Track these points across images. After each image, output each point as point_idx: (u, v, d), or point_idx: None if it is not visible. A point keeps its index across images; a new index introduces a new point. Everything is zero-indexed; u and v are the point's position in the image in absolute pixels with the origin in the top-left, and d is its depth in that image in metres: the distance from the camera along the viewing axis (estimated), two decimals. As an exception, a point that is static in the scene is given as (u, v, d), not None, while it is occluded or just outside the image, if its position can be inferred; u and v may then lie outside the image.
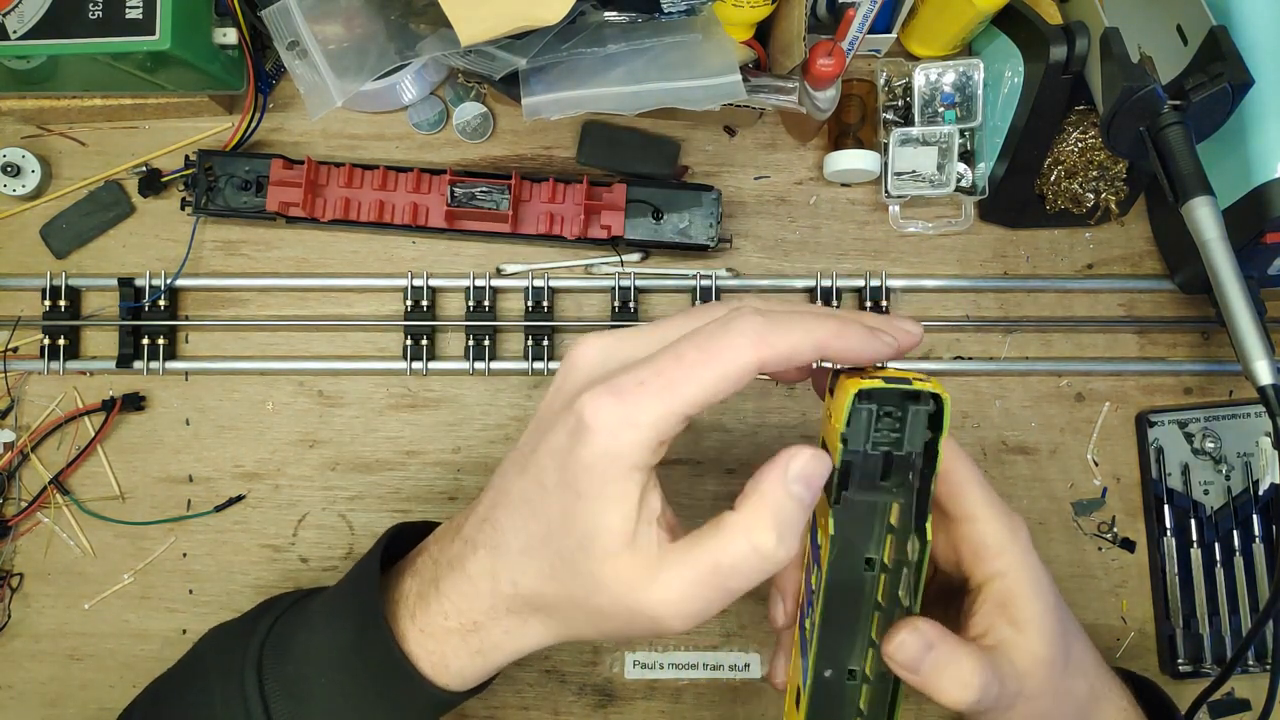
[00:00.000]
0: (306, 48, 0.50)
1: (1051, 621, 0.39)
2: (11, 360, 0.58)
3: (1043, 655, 0.38)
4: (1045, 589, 0.39)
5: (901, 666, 0.36)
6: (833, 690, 0.38)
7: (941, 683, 0.35)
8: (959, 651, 0.36)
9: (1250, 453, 0.58)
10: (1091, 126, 0.57)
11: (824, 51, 0.50)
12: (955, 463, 0.40)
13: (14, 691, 0.57)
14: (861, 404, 0.35)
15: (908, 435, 0.35)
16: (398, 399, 0.59)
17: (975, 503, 0.39)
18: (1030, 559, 0.39)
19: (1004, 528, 0.39)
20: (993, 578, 0.39)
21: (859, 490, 0.37)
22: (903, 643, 0.35)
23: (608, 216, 0.57)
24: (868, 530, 0.37)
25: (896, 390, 0.34)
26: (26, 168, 0.58)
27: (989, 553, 0.39)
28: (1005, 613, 0.39)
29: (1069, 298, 0.60)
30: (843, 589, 0.37)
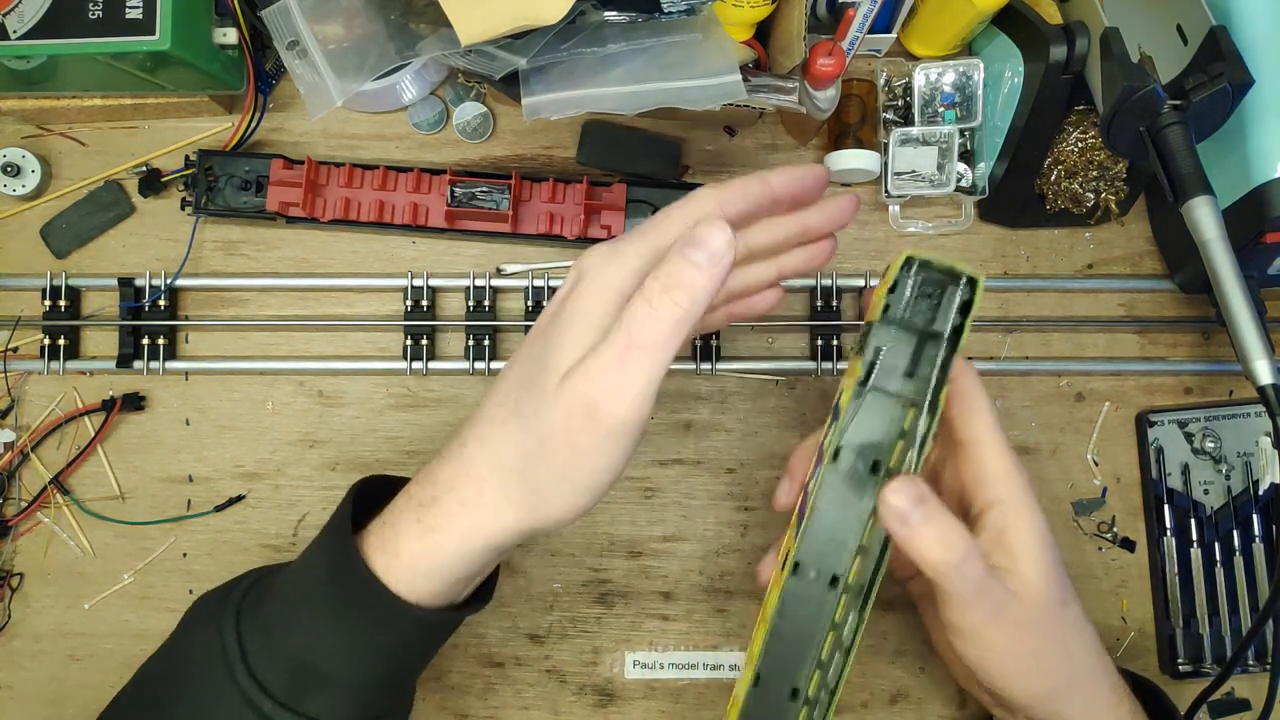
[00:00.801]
0: (306, 48, 0.50)
1: (1047, 556, 0.40)
2: (11, 360, 0.58)
3: (1036, 586, 0.39)
4: (1042, 527, 0.40)
5: (891, 513, 0.37)
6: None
7: (927, 536, 0.36)
8: (947, 513, 0.37)
9: (1250, 453, 0.58)
10: (1091, 126, 0.57)
11: (824, 51, 0.50)
12: (971, 390, 0.41)
13: (14, 691, 0.57)
14: (906, 273, 0.39)
15: (941, 312, 0.38)
16: (398, 399, 0.59)
17: (984, 426, 0.41)
18: (1029, 494, 0.40)
19: (1007, 457, 0.41)
20: (992, 504, 0.40)
21: (883, 381, 0.39)
22: (898, 489, 0.36)
23: (608, 216, 0.57)
24: (880, 430, 0.38)
25: (941, 264, 0.38)
26: (26, 168, 0.58)
27: (990, 477, 0.40)
28: (1002, 540, 0.40)
29: (1069, 298, 0.60)
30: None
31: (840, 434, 0.39)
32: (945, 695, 0.57)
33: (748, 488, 0.59)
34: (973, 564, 0.37)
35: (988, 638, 0.39)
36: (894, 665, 0.58)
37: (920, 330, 0.39)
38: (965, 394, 0.41)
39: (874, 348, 0.39)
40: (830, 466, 0.39)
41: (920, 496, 0.36)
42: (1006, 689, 0.41)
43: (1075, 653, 0.42)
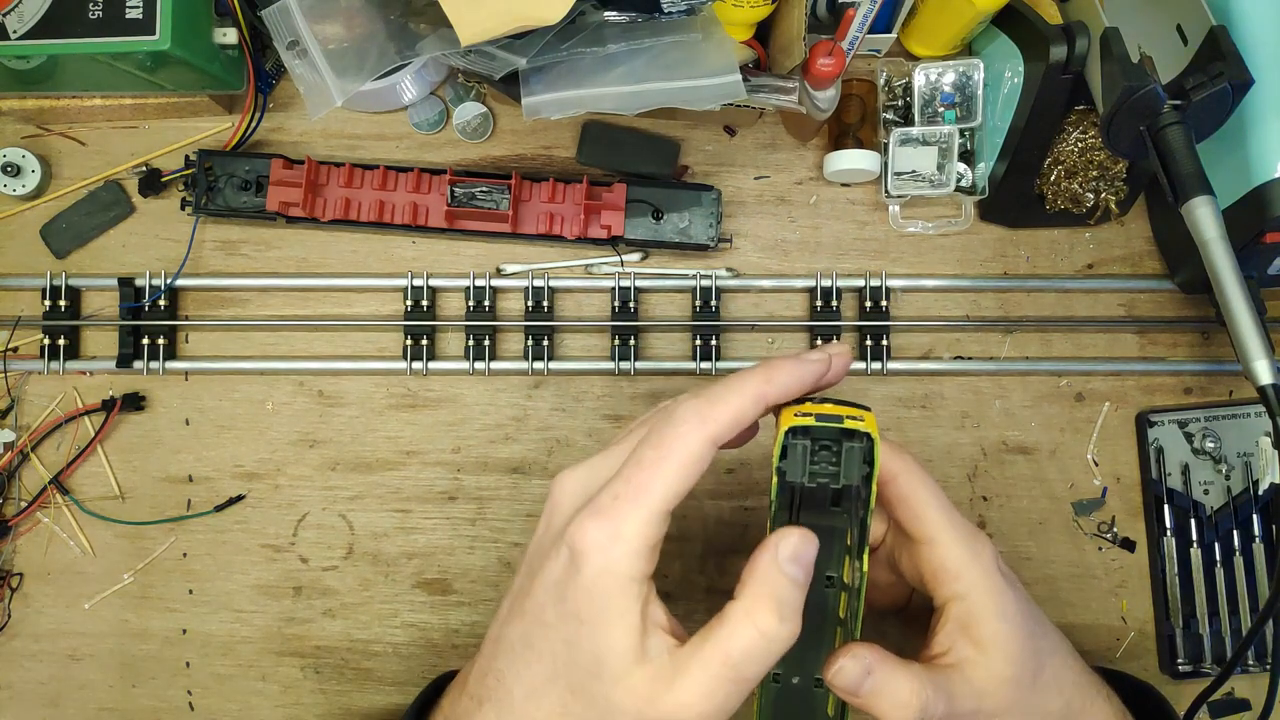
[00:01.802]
0: (306, 47, 0.50)
1: (1016, 641, 0.39)
2: (11, 360, 0.58)
3: (1005, 674, 0.38)
4: (1009, 609, 0.39)
5: (842, 690, 0.37)
6: (801, 696, 0.39)
7: (881, 704, 0.36)
8: (896, 674, 0.37)
9: (1250, 453, 0.58)
10: (1091, 126, 0.57)
11: (824, 51, 0.50)
12: (915, 485, 0.39)
13: (14, 691, 0.57)
14: (795, 439, 0.36)
15: (844, 469, 0.37)
16: (398, 399, 0.59)
17: (935, 525, 0.39)
18: (992, 580, 0.39)
19: (964, 550, 0.39)
20: (952, 599, 0.39)
21: (812, 515, 0.38)
22: (841, 668, 0.36)
23: (608, 216, 0.57)
24: (828, 550, 0.38)
25: (829, 428, 0.36)
26: (26, 168, 0.58)
27: (948, 575, 0.39)
28: (967, 633, 0.39)
29: (1069, 298, 0.60)
30: (808, 605, 0.37)
31: None
32: (945, 695, 0.57)
33: (748, 488, 0.59)
34: (935, 707, 0.37)
35: None
36: (894, 665, 0.58)
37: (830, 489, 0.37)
38: (906, 496, 0.39)
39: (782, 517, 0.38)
40: None
41: (865, 668, 0.36)
42: None
43: (1056, 709, 0.42)
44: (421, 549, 0.58)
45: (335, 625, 0.58)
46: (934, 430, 0.59)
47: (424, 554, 0.58)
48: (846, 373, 0.41)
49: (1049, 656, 0.42)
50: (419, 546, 0.58)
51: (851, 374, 0.59)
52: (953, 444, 0.59)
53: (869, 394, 0.59)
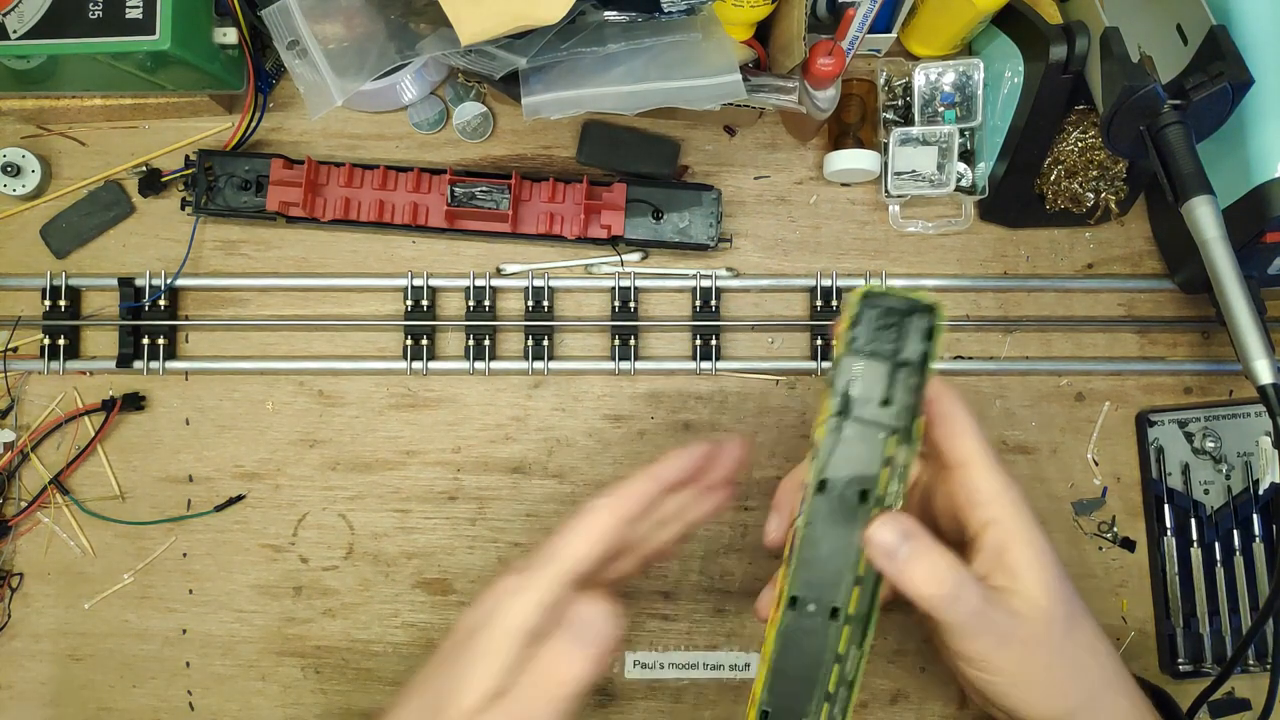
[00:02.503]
0: (306, 47, 0.50)
1: (1049, 573, 0.39)
2: (11, 360, 0.58)
3: (1040, 603, 0.38)
4: (1040, 541, 0.39)
5: (878, 550, 0.37)
6: (814, 625, 0.38)
7: (915, 572, 0.36)
8: (936, 547, 0.37)
9: (1250, 452, 0.58)
10: (1091, 126, 0.57)
11: (824, 51, 0.50)
12: (956, 409, 0.41)
13: (14, 691, 0.57)
14: (867, 305, 0.39)
15: (907, 341, 0.38)
16: (398, 399, 0.59)
17: (970, 450, 0.40)
18: (1024, 511, 0.40)
19: (998, 477, 0.40)
20: (987, 525, 0.39)
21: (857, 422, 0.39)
22: (882, 525, 0.36)
23: (608, 216, 0.57)
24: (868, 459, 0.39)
25: (900, 295, 0.39)
26: (26, 168, 0.58)
27: (982, 498, 0.39)
28: (1000, 560, 0.39)
29: (1069, 297, 0.60)
30: (835, 523, 0.38)
31: (823, 466, 0.39)
32: (945, 695, 0.57)
33: (748, 488, 0.59)
34: (968, 594, 0.37)
35: (995, 663, 0.39)
36: (894, 665, 0.58)
37: (889, 359, 0.39)
38: (947, 416, 0.41)
39: (845, 379, 0.39)
40: (817, 499, 0.39)
41: (906, 532, 0.36)
42: (1022, 712, 0.40)
43: (1091, 669, 0.41)
44: (421, 549, 0.58)
45: (335, 625, 0.58)
46: (934, 430, 0.59)
47: (424, 554, 0.58)
48: (738, 461, 0.45)
49: (1085, 615, 0.41)
50: (419, 546, 0.58)
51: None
52: (953, 444, 0.59)
53: (869, 394, 0.59)
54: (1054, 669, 0.39)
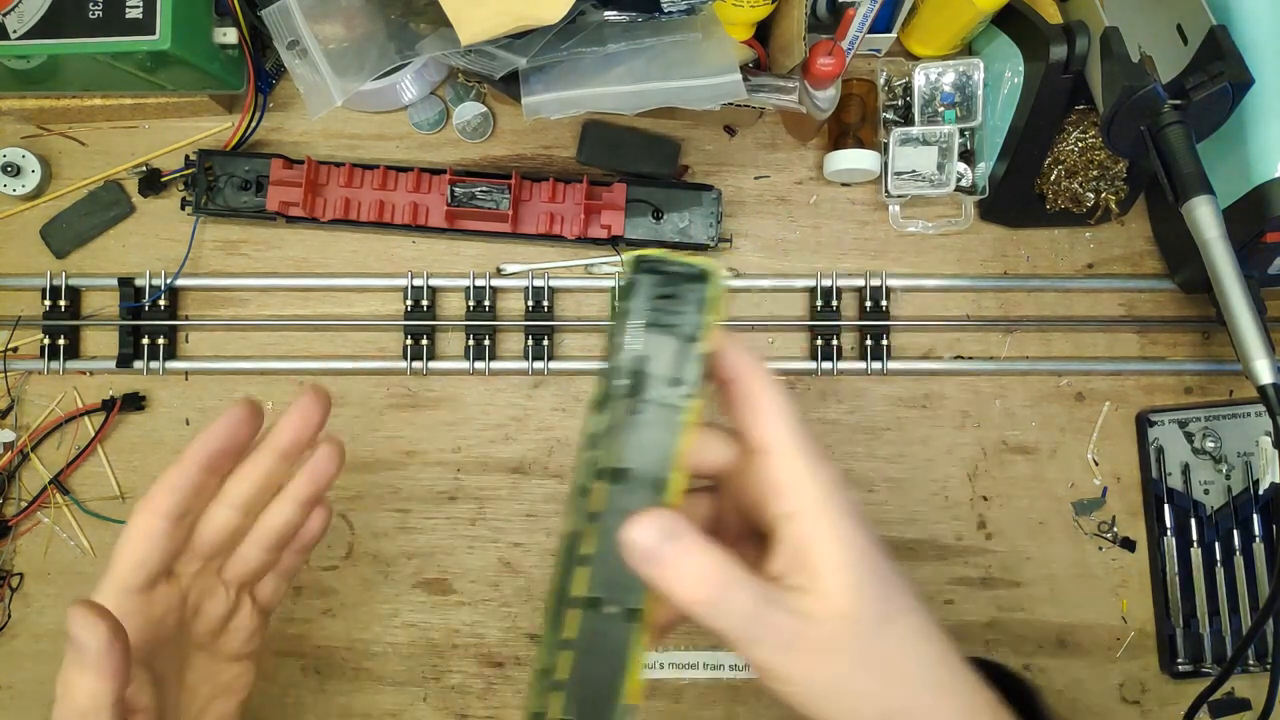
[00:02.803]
0: (306, 47, 0.50)
1: (856, 570, 0.34)
2: (11, 360, 0.58)
3: (840, 605, 0.33)
4: (851, 535, 0.34)
5: (636, 553, 0.32)
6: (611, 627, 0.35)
7: (676, 575, 0.32)
8: (701, 546, 0.33)
9: (1250, 452, 0.58)
10: (1092, 126, 0.57)
11: (824, 51, 0.50)
12: (761, 386, 0.36)
13: (14, 691, 0.57)
14: (644, 271, 0.35)
15: (688, 314, 0.34)
16: (398, 399, 0.59)
17: (772, 432, 0.35)
18: (832, 500, 0.34)
19: (804, 463, 0.35)
20: (785, 517, 0.35)
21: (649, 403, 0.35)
22: (639, 525, 0.32)
23: (608, 216, 0.57)
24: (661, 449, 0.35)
25: (678, 262, 0.34)
26: (26, 168, 0.58)
27: (782, 488, 0.35)
28: (799, 557, 0.34)
29: (1069, 297, 0.60)
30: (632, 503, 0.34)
31: (621, 453, 0.35)
32: (945, 695, 0.57)
33: (748, 487, 0.58)
34: (737, 598, 0.33)
35: (784, 672, 0.34)
36: (894, 665, 0.58)
37: (673, 331, 0.35)
38: (749, 395, 0.36)
39: (632, 354, 0.35)
40: (615, 490, 0.35)
41: (668, 530, 0.32)
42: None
43: (908, 673, 0.36)
44: (421, 549, 0.58)
45: (335, 625, 0.58)
46: (934, 430, 0.59)
47: (424, 554, 0.58)
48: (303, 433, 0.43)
49: (904, 612, 0.36)
50: (419, 546, 0.58)
51: (852, 374, 0.59)
52: (953, 444, 0.59)
53: (869, 394, 0.59)
54: (858, 676, 0.35)
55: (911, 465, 0.59)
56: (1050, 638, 0.58)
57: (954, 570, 0.58)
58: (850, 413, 0.59)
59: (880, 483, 0.59)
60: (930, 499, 0.59)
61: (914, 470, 0.59)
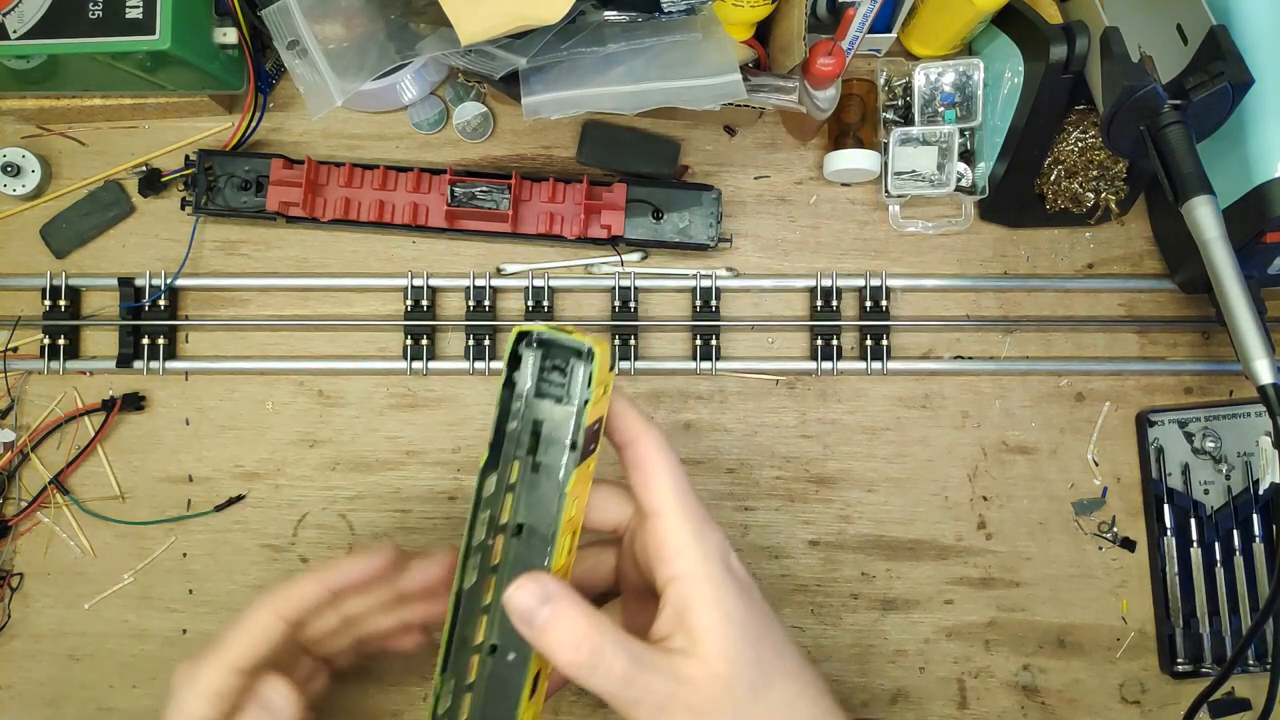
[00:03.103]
0: (306, 47, 0.50)
1: (732, 638, 0.36)
2: (11, 360, 0.58)
3: (716, 670, 0.35)
4: (730, 602, 0.36)
5: (515, 615, 0.34)
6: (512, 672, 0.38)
7: (551, 640, 0.34)
8: (577, 612, 0.34)
9: (1250, 452, 0.58)
10: (1092, 126, 0.57)
11: (824, 51, 0.50)
12: (653, 452, 0.38)
13: (14, 691, 0.57)
14: (531, 347, 0.37)
15: (576, 386, 0.37)
16: (398, 399, 0.59)
17: (664, 498, 0.37)
18: (712, 566, 0.37)
19: (690, 529, 0.37)
20: (671, 581, 0.37)
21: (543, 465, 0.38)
22: (520, 588, 0.34)
23: (608, 216, 0.57)
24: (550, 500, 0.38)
25: (559, 340, 0.37)
26: (26, 168, 0.58)
27: (669, 552, 0.37)
28: (681, 620, 0.36)
29: (1069, 297, 0.60)
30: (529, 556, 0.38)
31: (517, 509, 0.38)
32: (945, 695, 0.57)
33: (748, 488, 0.59)
34: (612, 661, 0.34)
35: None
36: (894, 665, 0.58)
37: (565, 402, 0.38)
38: (642, 460, 0.38)
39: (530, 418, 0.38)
40: (514, 543, 0.38)
41: (546, 594, 0.34)
42: None
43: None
44: (422, 549, 0.58)
45: (335, 625, 0.57)
46: (934, 430, 0.59)
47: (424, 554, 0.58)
48: (430, 585, 0.46)
49: (782, 678, 0.37)
50: (419, 546, 0.58)
51: (852, 374, 0.59)
52: (953, 444, 0.59)
53: (869, 394, 0.59)
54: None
55: (911, 465, 0.59)
56: (1050, 638, 0.58)
57: (954, 570, 0.58)
58: (850, 413, 0.59)
59: (880, 483, 0.59)
60: (930, 499, 0.59)
61: (914, 470, 0.59)
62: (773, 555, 0.58)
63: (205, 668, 0.42)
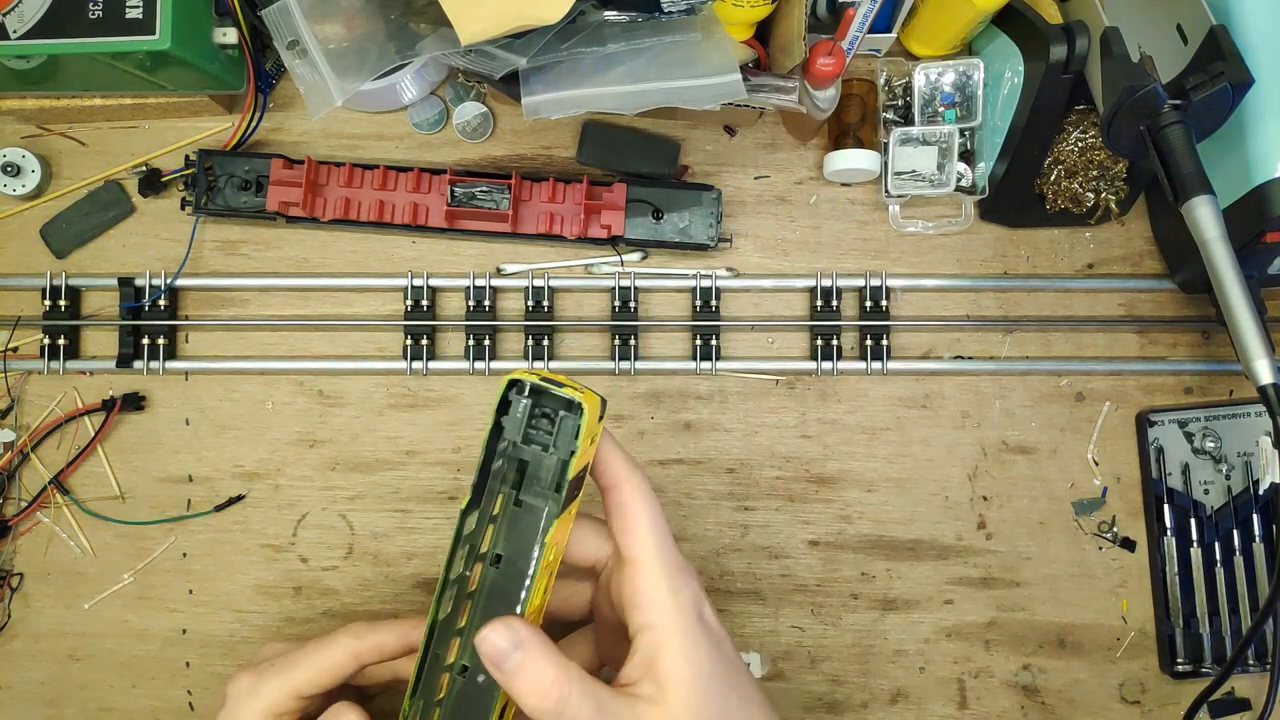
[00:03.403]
0: (306, 47, 0.50)
1: (698, 692, 0.37)
2: (11, 360, 0.58)
3: (678, 717, 0.36)
4: (698, 655, 0.37)
5: (487, 659, 0.36)
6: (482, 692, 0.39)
7: (520, 686, 0.35)
8: (546, 660, 0.35)
9: (1250, 452, 0.58)
10: (1092, 126, 0.57)
11: (824, 51, 0.50)
12: (636, 499, 0.39)
13: (14, 691, 0.57)
14: (514, 393, 0.38)
15: (564, 436, 0.38)
16: (398, 399, 0.59)
17: (643, 545, 0.38)
18: (685, 619, 0.38)
19: (665, 579, 0.38)
20: (643, 629, 0.38)
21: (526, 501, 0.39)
22: (490, 636, 0.35)
23: (608, 216, 0.57)
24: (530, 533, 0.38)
25: (549, 390, 0.37)
26: (26, 168, 0.58)
27: (642, 600, 0.38)
28: (650, 668, 0.37)
29: (1069, 297, 0.60)
30: (501, 595, 0.38)
31: (497, 540, 0.39)
32: (945, 695, 0.57)
33: (748, 488, 0.59)
34: (577, 708, 0.35)
35: None
36: (894, 665, 0.58)
37: (543, 447, 0.38)
38: (624, 507, 0.39)
39: (516, 457, 0.39)
40: (491, 571, 0.38)
41: (518, 640, 0.35)
42: None
43: None
44: (421, 549, 0.58)
45: (335, 625, 0.57)
46: (934, 430, 0.59)
47: (424, 554, 0.58)
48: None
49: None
50: (419, 546, 0.58)
51: (852, 374, 0.59)
52: (953, 444, 0.59)
53: (869, 394, 0.59)
54: None
55: (911, 465, 0.59)
56: (1050, 638, 0.58)
57: (954, 570, 0.58)
58: (850, 413, 0.59)
59: (880, 483, 0.59)
60: (930, 499, 0.59)
61: (914, 470, 0.59)
62: (773, 555, 0.58)
63: (268, 685, 0.42)
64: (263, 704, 0.42)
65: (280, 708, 0.42)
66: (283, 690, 0.42)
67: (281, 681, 0.42)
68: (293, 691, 0.42)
